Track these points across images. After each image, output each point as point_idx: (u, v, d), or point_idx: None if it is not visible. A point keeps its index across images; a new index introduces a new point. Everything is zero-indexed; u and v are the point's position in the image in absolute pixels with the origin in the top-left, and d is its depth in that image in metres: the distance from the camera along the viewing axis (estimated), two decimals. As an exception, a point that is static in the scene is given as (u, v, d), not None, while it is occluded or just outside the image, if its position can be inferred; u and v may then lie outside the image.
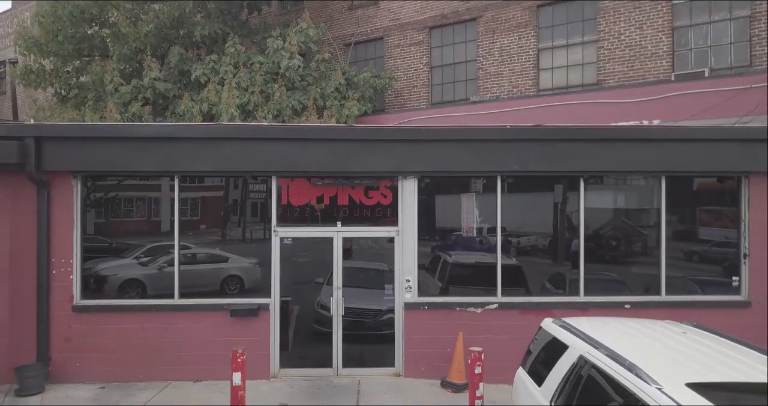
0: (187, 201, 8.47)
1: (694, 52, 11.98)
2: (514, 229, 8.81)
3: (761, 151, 8.16)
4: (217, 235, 8.84)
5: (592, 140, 8.25)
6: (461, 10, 14.81)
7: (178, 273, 8.21)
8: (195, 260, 8.64)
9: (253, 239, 8.62)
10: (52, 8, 15.07)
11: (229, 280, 8.81)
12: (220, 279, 8.73)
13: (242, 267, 8.85)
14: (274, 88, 13.78)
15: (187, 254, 8.47)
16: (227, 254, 8.76)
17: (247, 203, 8.79)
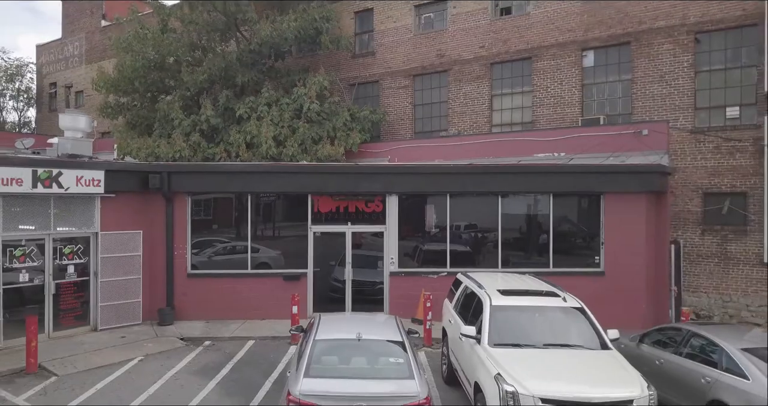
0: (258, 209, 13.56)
1: (596, 102, 17.09)
2: (461, 227, 13.93)
3: (612, 179, 13.27)
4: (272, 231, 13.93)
5: (504, 172, 13.36)
6: (436, 63, 19.86)
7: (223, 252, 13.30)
8: (235, 251, 13.66)
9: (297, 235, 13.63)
10: (131, 62, 20.10)
11: (261, 265, 13.80)
12: (240, 256, 13.62)
13: (270, 256, 13.92)
14: (299, 123, 18.83)
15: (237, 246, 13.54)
16: (258, 246, 13.67)
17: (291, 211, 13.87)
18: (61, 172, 11.09)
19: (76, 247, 11.83)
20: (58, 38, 35.24)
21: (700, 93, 15.53)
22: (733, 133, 14.91)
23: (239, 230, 13.71)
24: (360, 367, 6.74)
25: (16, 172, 10.46)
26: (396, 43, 20.78)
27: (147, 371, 9.84)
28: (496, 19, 18.77)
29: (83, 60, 33.12)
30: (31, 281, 11.14)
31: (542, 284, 9.28)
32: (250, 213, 13.48)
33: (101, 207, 12.03)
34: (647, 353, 9.03)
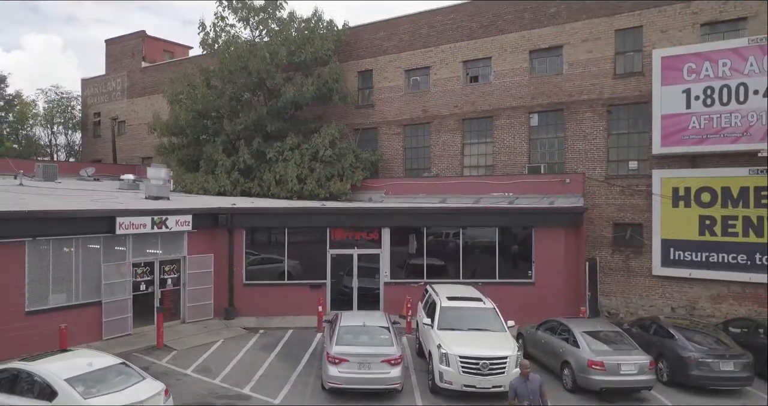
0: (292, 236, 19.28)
1: (539, 152, 22.80)
2: (438, 249, 19.66)
3: (539, 218, 19.01)
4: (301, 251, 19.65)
5: (464, 213, 19.10)
6: (421, 116, 25.55)
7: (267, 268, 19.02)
8: (273, 261, 19.38)
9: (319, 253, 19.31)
10: (185, 115, 25.77)
11: (283, 273, 19.47)
12: (279, 271, 19.32)
13: (291, 265, 19.61)
14: (316, 165, 24.49)
15: (277, 261, 19.26)
16: (282, 257, 19.36)
17: (314, 237, 19.58)
18: (167, 217, 16.79)
19: (172, 266, 17.55)
20: (102, 74, 40.86)
21: (611, 150, 21.25)
22: (632, 181, 20.63)
23: (279, 251, 19.41)
24: (364, 340, 12.44)
25: (142, 219, 16.15)
26: (391, 99, 26.46)
27: (229, 347, 15.58)
28: (467, 85, 24.46)
29: (125, 95, 38.78)
30: (146, 289, 16.88)
31: (475, 293, 15.01)
32: (287, 238, 19.21)
33: (188, 239, 17.74)
34: (539, 335, 14.78)
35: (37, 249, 14.31)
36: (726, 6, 19.04)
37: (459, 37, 24.49)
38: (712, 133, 18.81)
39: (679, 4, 19.81)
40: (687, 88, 19.19)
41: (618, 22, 20.96)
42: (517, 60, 23.07)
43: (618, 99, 20.98)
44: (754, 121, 18.17)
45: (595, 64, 21.37)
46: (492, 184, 22.07)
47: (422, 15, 25.67)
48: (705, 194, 19.12)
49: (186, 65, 34.84)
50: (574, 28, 21.77)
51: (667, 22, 20.03)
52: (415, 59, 25.73)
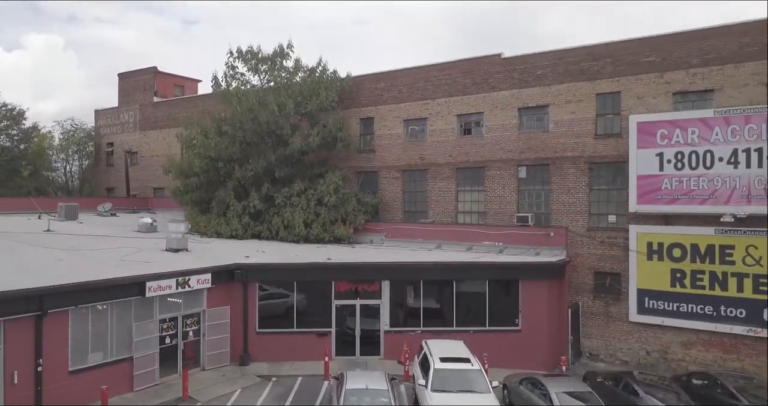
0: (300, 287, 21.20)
1: (527, 202, 24.70)
2: (434, 295, 21.57)
3: (525, 272, 20.92)
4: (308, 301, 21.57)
5: (456, 268, 21.00)
6: (419, 163, 27.44)
7: (275, 304, 20.95)
8: (281, 295, 21.28)
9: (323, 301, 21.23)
10: (199, 162, 27.66)
11: (290, 308, 21.34)
12: (286, 307, 21.21)
13: (298, 299, 21.49)
14: (321, 209, 26.40)
15: (282, 293, 21.16)
16: (287, 292, 21.24)
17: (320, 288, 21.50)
18: (189, 277, 18.71)
19: (193, 319, 19.47)
20: (115, 107, 42.79)
21: (593, 203, 23.15)
22: (611, 233, 22.53)
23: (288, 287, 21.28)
24: (367, 401, 14.36)
25: (168, 281, 18.07)
26: (390, 145, 28.36)
27: (247, 397, 17.51)
28: (461, 136, 26.36)
29: (137, 127, 40.73)
30: (171, 342, 18.81)
31: (465, 351, 16.92)
32: (295, 289, 21.13)
33: (207, 294, 19.67)
34: (521, 389, 16.70)
35: (79, 315, 16.23)
36: (695, 78, 20.92)
37: (453, 92, 26.38)
38: (682, 195, 20.71)
39: (654, 74, 21.68)
40: (660, 152, 21.08)
41: (599, 86, 22.83)
42: (507, 116, 24.96)
43: (599, 157, 22.87)
44: (719, 185, 20.06)
45: (578, 124, 23.26)
46: (484, 233, 23.99)
47: (419, 69, 27.56)
48: (676, 250, 21.01)
49: (196, 102, 36.87)
50: (559, 90, 23.65)
51: (642, 90, 21.91)
52: (413, 110, 27.63)
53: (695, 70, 20.90)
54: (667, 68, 21.40)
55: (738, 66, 20.14)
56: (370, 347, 21.34)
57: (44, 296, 15.17)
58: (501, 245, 23.41)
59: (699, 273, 20.63)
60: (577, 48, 23.30)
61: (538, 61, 24.18)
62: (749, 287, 19.75)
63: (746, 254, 19.79)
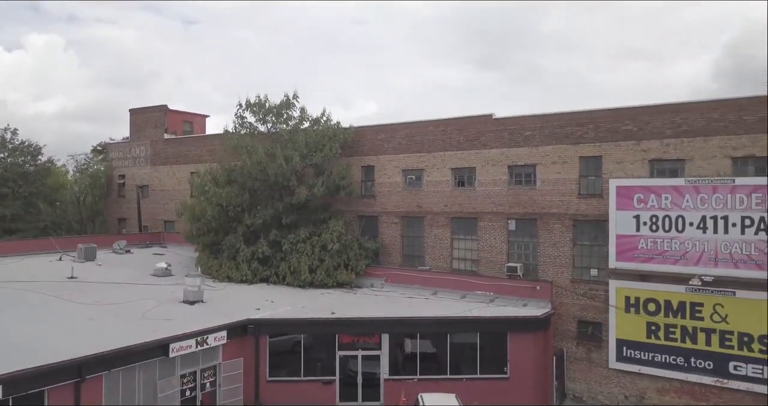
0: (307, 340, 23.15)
1: (516, 253, 26.64)
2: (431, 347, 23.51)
3: (512, 325, 22.87)
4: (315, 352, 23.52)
5: (449, 322, 22.95)
6: (416, 211, 29.38)
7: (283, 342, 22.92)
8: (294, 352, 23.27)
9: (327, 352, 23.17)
10: (210, 209, 29.59)
11: (297, 344, 23.31)
12: (295, 341, 23.17)
13: (306, 347, 23.43)
14: (325, 255, 28.34)
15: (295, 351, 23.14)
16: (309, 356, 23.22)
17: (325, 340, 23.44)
18: (207, 336, 20.65)
19: (210, 371, 21.42)
20: (127, 140, 44.76)
21: (576, 257, 25.08)
22: (593, 286, 24.47)
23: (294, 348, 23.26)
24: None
25: (189, 342, 20.01)
26: (390, 193, 30.31)
27: (260, 448, 19.45)
28: (455, 188, 28.30)
29: (148, 162, 42.66)
30: (190, 394, 20.75)
31: (457, 404, 18.89)
32: (303, 341, 23.08)
33: (222, 348, 21.61)
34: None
35: (111, 378, 18.18)
36: (668, 148, 22.85)
37: (448, 147, 28.32)
38: (656, 255, 22.64)
39: (631, 142, 23.61)
40: (637, 214, 23.01)
41: (582, 150, 24.76)
42: (497, 172, 26.90)
43: (582, 215, 24.80)
44: (690, 248, 22.00)
45: (562, 184, 25.19)
46: (476, 283, 25.94)
47: (417, 124, 29.51)
48: (651, 304, 22.95)
49: (205, 141, 38.85)
50: (545, 151, 25.59)
51: (621, 155, 23.84)
52: (411, 161, 29.57)
53: (669, 141, 22.82)
54: (644, 137, 23.33)
55: (707, 139, 22.06)
56: (372, 391, 23.24)
57: (83, 364, 17.10)
58: (492, 294, 25.35)
59: (672, 327, 22.57)
60: (563, 113, 25.22)
61: (526, 123, 26.11)
62: (716, 341, 21.70)
63: (713, 311, 21.72)
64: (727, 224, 21.36)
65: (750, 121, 21.25)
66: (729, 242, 21.33)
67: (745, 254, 21.06)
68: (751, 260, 20.97)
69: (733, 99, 21.81)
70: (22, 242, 34.23)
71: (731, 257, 21.30)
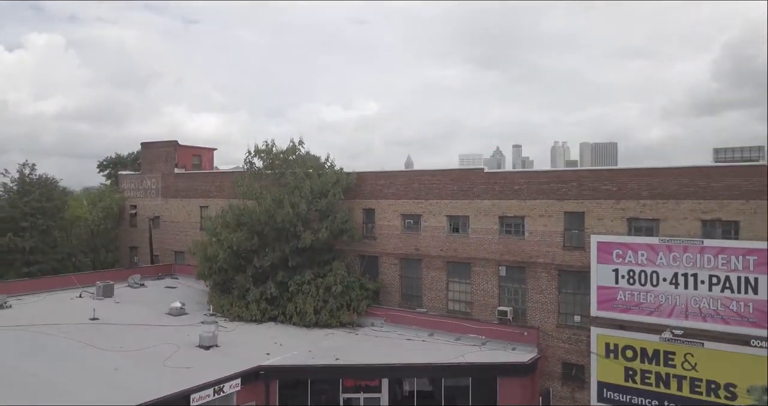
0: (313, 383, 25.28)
1: (506, 298, 28.75)
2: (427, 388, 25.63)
3: (501, 371, 24.99)
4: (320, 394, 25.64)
5: (442, 367, 25.07)
6: (414, 253, 31.48)
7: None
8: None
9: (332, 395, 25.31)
10: (222, 253, 31.68)
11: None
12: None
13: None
14: (329, 296, 30.43)
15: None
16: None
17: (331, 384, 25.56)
18: (224, 385, 22.75)
19: (225, 415, 23.51)
20: (139, 172, 46.85)
21: (561, 304, 27.20)
22: (576, 331, 26.58)
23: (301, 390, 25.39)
24: None
25: (207, 391, 22.11)
26: (389, 235, 32.42)
27: None
28: (450, 234, 30.40)
29: (159, 194, 44.78)
30: (208, 437, 22.83)
31: None
32: (309, 384, 25.21)
33: (237, 394, 23.70)
34: None
35: (140, 428, 20.30)
36: (644, 208, 24.95)
37: (443, 195, 30.43)
38: (633, 306, 24.74)
39: (611, 201, 25.70)
40: (616, 268, 25.10)
41: (566, 205, 26.85)
42: (489, 222, 29.00)
43: (566, 266, 26.90)
44: (663, 301, 24.10)
45: (549, 236, 27.29)
46: (470, 327, 28.05)
47: (415, 173, 31.66)
48: (629, 351, 25.04)
49: (213, 178, 40.98)
50: (533, 205, 27.68)
51: (602, 213, 25.94)
52: (409, 207, 31.68)
53: (644, 202, 24.92)
54: (622, 197, 25.42)
55: (678, 202, 24.15)
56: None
57: (118, 419, 19.24)
58: (483, 338, 27.46)
59: (647, 372, 24.65)
60: (549, 171, 27.38)
61: (515, 178, 28.22)
62: (687, 387, 23.78)
63: (684, 360, 23.79)
64: (697, 281, 23.44)
65: (716, 187, 23.34)
66: (698, 298, 23.43)
67: (713, 309, 23.16)
68: (717, 315, 23.07)
69: (703, 167, 23.93)
70: (44, 280, 36.28)
71: (700, 311, 23.39)
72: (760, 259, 22.30)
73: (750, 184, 22.67)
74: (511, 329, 27.10)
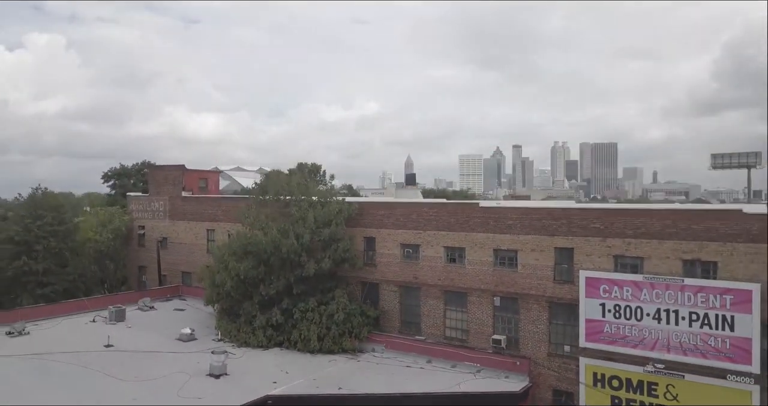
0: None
1: (501, 326, 30.28)
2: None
3: (495, 399, 26.54)
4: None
5: (442, 397, 26.62)
6: (413, 282, 32.99)
7: None
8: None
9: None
10: (230, 282, 33.23)
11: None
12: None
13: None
14: (332, 323, 31.97)
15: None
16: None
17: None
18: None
19: (236, 443, 25.06)
20: (147, 194, 48.37)
21: (552, 334, 28.74)
22: (566, 360, 28.12)
23: None
24: None
25: (219, 423, 23.65)
26: (390, 263, 33.96)
27: None
28: (447, 264, 31.94)
29: (167, 216, 46.34)
30: (220, 464, 24.39)
31: None
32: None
33: (246, 423, 25.27)
34: None
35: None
36: (629, 246, 26.46)
37: (441, 227, 31.96)
38: (619, 338, 26.29)
39: (598, 238, 27.23)
40: (602, 303, 26.64)
41: (556, 241, 28.38)
42: (484, 254, 30.54)
43: (556, 298, 28.45)
44: (647, 335, 25.64)
45: (540, 269, 28.82)
46: (465, 355, 29.59)
47: (413, 204, 33.24)
48: (615, 381, 26.58)
49: (220, 202, 42.50)
50: (525, 239, 29.22)
51: (590, 249, 27.47)
52: (408, 237, 33.22)
53: (629, 240, 26.45)
54: (609, 235, 26.94)
55: (661, 242, 25.67)
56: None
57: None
58: (478, 366, 29.00)
59: (632, 401, 26.20)
60: (540, 208, 28.87)
61: (509, 214, 29.75)
62: (669, 416, 25.37)
63: (666, 390, 25.33)
64: (678, 317, 24.99)
65: (696, 229, 24.85)
66: (679, 333, 24.97)
67: (692, 344, 24.71)
68: (697, 349, 24.61)
69: (684, 209, 25.54)
70: (58, 305, 37.82)
71: (681, 345, 24.94)
72: (736, 298, 23.84)
73: (727, 227, 24.19)
74: (505, 358, 28.65)
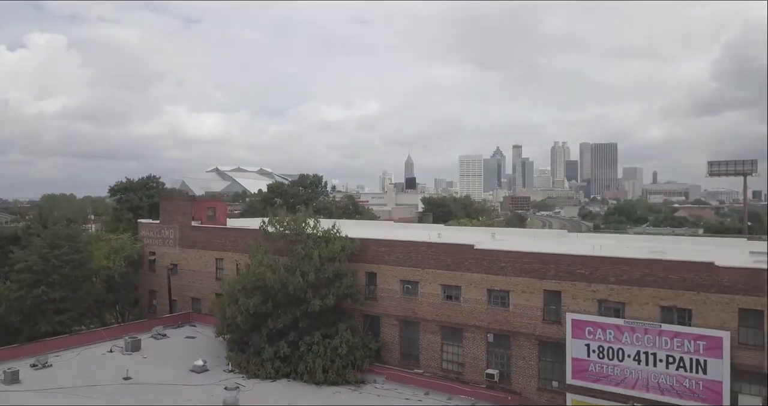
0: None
1: (494, 361, 32.35)
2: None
3: (488, 431, 28.65)
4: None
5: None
6: (413, 316, 35.08)
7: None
8: None
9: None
10: (241, 317, 35.31)
11: None
12: None
13: None
14: (336, 356, 34.03)
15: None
16: None
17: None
18: (246, 452, 26.41)
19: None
20: (157, 222, 50.47)
21: (541, 370, 30.82)
22: (554, 394, 30.19)
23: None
24: None
25: (233, 459, 25.75)
26: (390, 298, 36.07)
27: None
28: (444, 301, 34.04)
29: (177, 244, 48.43)
30: None
31: None
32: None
33: (258, 456, 27.37)
34: None
35: None
36: (612, 292, 28.56)
37: (438, 266, 34.06)
38: (602, 377, 28.39)
39: (584, 283, 29.31)
40: (587, 343, 28.75)
41: (545, 284, 30.48)
42: (478, 293, 32.63)
43: (545, 337, 30.54)
44: (628, 375, 27.75)
45: (530, 310, 30.92)
46: (460, 389, 31.69)
47: (412, 243, 35.28)
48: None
49: (228, 233, 44.62)
50: (517, 281, 31.32)
51: (576, 293, 29.56)
52: (407, 273, 35.33)
53: (612, 286, 28.54)
54: (593, 280, 29.03)
55: (641, 289, 27.76)
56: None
57: None
58: (473, 399, 31.10)
59: (614, 435, 28.33)
60: (531, 253, 30.95)
61: (501, 256, 31.85)
62: (648, 450, 27.48)
63: (646, 427, 27.49)
64: (656, 359, 27.08)
65: (673, 279, 26.94)
66: (657, 374, 27.07)
67: (669, 385, 26.81)
68: (673, 390, 26.72)
69: (662, 260, 27.53)
70: (76, 337, 39.93)
71: (659, 385, 27.04)
72: (708, 344, 25.96)
73: (700, 278, 26.29)
74: (497, 393, 30.76)
